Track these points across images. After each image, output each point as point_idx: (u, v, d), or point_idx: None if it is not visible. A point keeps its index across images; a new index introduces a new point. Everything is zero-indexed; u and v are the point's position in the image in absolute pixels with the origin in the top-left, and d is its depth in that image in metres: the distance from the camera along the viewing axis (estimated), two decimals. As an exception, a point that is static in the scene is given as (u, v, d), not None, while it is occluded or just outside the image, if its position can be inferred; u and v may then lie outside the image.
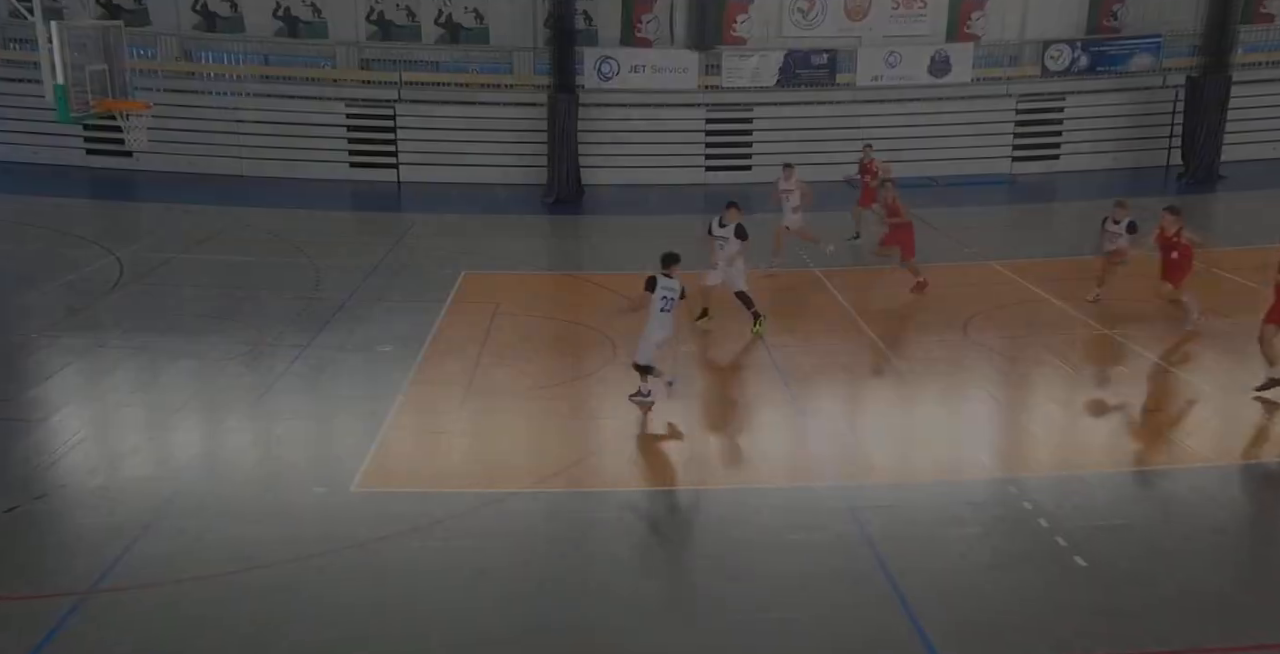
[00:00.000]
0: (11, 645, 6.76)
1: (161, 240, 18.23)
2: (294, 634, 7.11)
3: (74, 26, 14.70)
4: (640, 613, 7.51)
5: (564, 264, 17.53)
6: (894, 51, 25.79)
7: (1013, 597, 7.69)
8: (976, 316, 14.50)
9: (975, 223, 21.24)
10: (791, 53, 25.59)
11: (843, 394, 12.12)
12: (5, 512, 8.46)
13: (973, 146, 26.17)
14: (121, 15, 23.23)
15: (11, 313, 13.89)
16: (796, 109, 25.71)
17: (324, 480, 9.45)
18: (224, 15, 25.06)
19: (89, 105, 14.75)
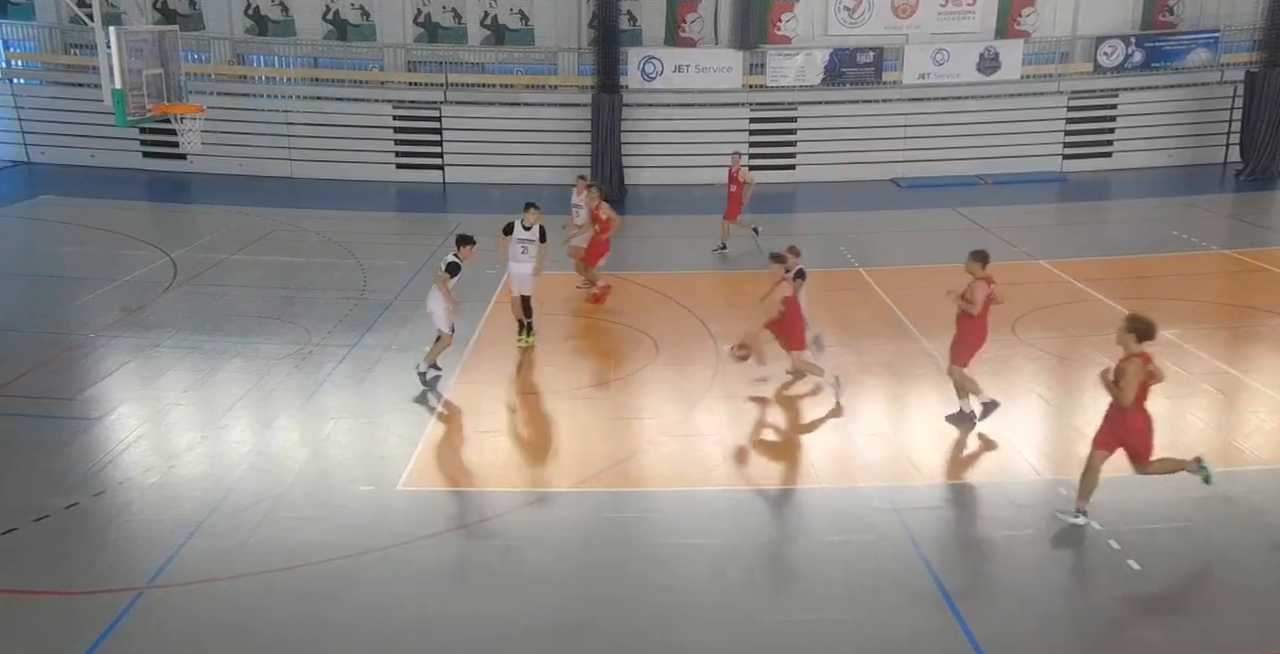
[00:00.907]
0: (72, 639, 6.91)
1: (213, 242, 18.57)
2: (342, 631, 7.20)
3: (132, 32, 15.02)
4: (682, 613, 7.50)
5: (606, 264, 17.55)
6: (942, 49, 25.49)
7: (1064, 601, 7.56)
8: (1025, 316, 14.27)
9: (1025, 221, 20.91)
10: (837, 51, 25.41)
11: (886, 394, 11.99)
12: (65, 508, 8.67)
13: (1022, 145, 25.81)
14: (177, 20, 23.74)
15: (71, 313, 14.23)
16: (841, 108, 25.54)
17: (371, 479, 9.56)
18: (275, 19, 25.47)
19: (145, 109, 15.07)
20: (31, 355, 12.27)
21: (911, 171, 25.57)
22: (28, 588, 7.39)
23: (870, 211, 22.40)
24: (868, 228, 20.91)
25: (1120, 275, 16.72)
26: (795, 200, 24.71)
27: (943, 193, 23.68)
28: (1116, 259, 17.80)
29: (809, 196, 24.46)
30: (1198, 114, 25.98)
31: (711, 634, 7.25)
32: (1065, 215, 22.94)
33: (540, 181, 24.43)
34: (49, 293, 15.24)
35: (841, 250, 18.34)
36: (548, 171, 24.65)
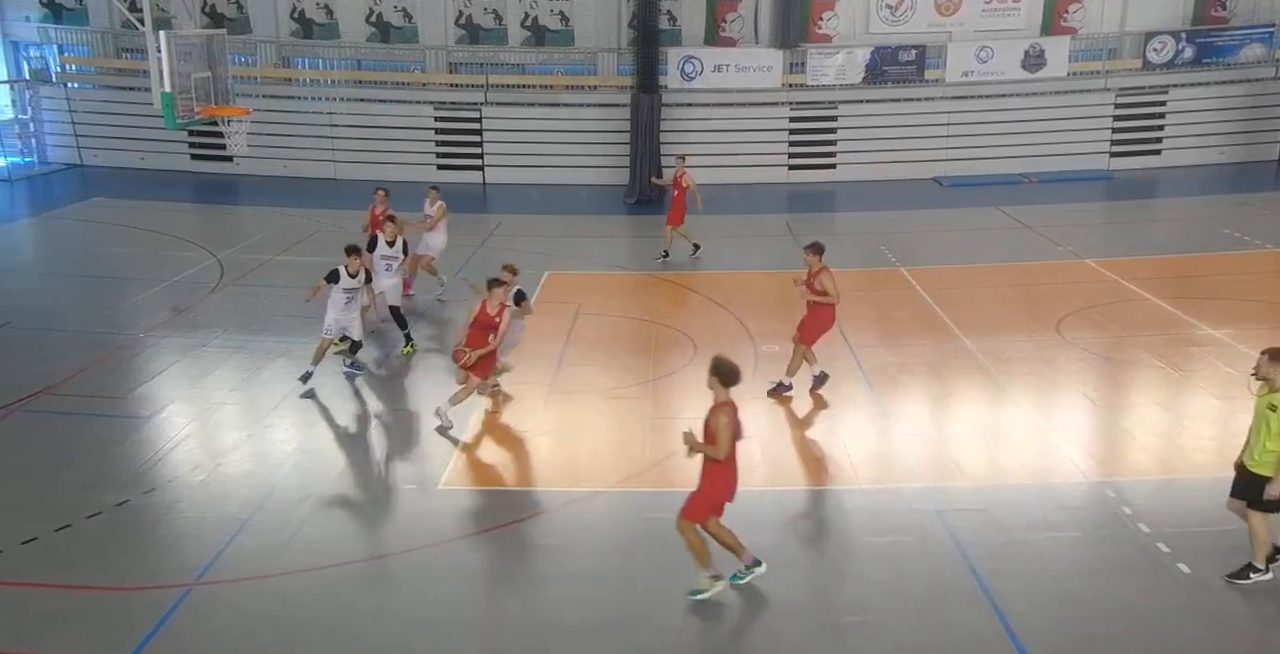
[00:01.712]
0: (123, 635, 7.04)
1: (259, 243, 18.83)
2: (384, 628, 7.28)
3: (181, 36, 15.28)
4: (723, 613, 7.48)
5: (645, 264, 17.57)
6: (985, 46, 25.19)
7: (1112, 604, 7.44)
8: (1071, 315, 14.08)
9: (1070, 220, 20.60)
10: (878, 49, 25.20)
11: (928, 395, 11.87)
12: (117, 505, 8.84)
13: (1068, 142, 25.41)
14: (224, 24, 24.13)
15: (122, 313, 14.51)
16: (883, 106, 25.33)
17: (412, 478, 9.65)
18: (320, 22, 25.79)
19: (193, 112, 15.32)
20: (84, 355, 12.52)
21: (954, 170, 25.29)
22: (81, 583, 7.54)
23: (911, 211, 22.20)
24: (909, 227, 20.72)
25: (1170, 274, 16.42)
26: (835, 200, 24.57)
27: (986, 191, 23.40)
28: (1166, 258, 17.49)
29: (849, 196, 24.29)
30: (1251, 110, 25.41)
31: (752, 634, 7.23)
32: (1112, 214, 22.57)
33: (580, 182, 24.54)
34: (100, 293, 15.56)
35: (882, 250, 18.19)
36: (587, 172, 24.73)
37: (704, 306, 15.10)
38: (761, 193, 24.29)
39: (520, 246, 18.48)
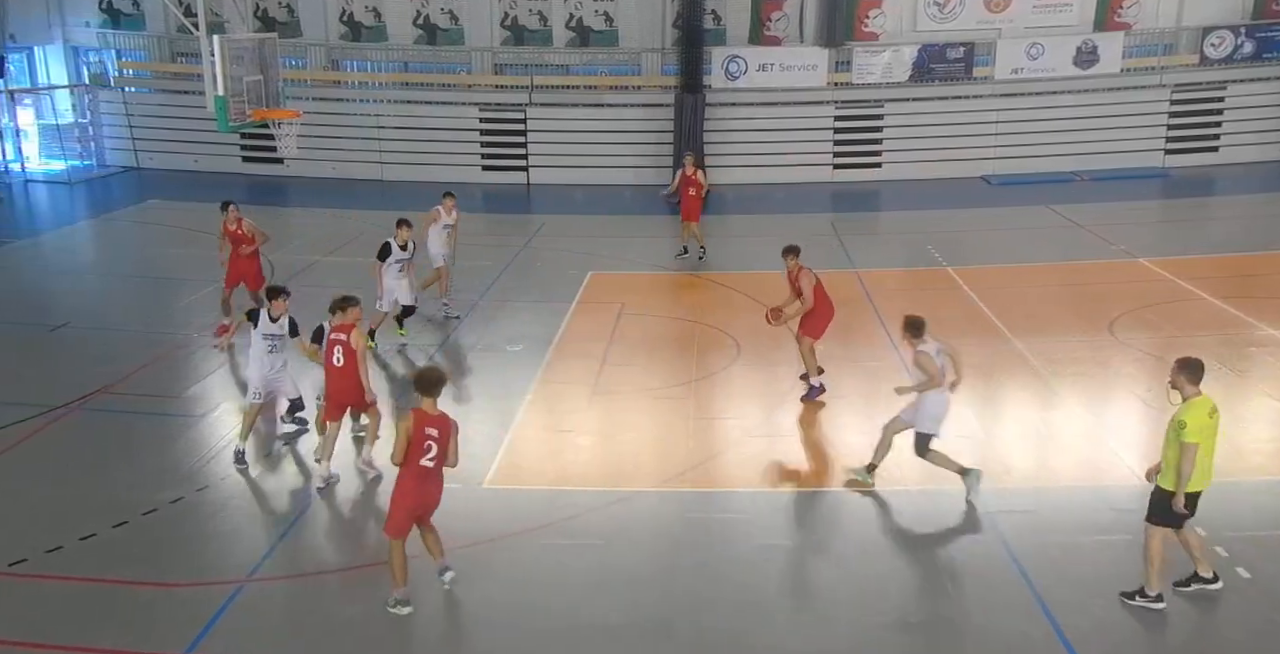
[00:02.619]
0: (178, 631, 7.18)
1: (308, 244, 19.10)
2: (429, 626, 7.35)
3: (234, 40, 15.53)
4: (765, 613, 7.46)
5: (688, 264, 17.55)
6: (1036, 43, 24.79)
7: (1169, 608, 7.28)
8: (1124, 316, 13.82)
9: (1123, 218, 20.22)
10: (926, 47, 24.91)
11: (976, 395, 11.69)
12: (171, 502, 9.02)
13: (1122, 140, 24.95)
14: (275, 27, 24.52)
15: (176, 314, 14.81)
16: (930, 104, 25.06)
17: (457, 477, 9.67)
18: (368, 25, 26.11)
19: (245, 115, 15.56)
20: (140, 354, 12.80)
21: (1003, 168, 24.93)
22: (137, 579, 7.70)
23: (959, 209, 21.93)
24: (956, 226, 20.47)
25: (1228, 273, 16.03)
26: (880, 199, 24.35)
27: (1036, 190, 23.04)
28: (1224, 256, 17.08)
29: (894, 195, 24.06)
30: (1313, 106, 24.77)
31: (796, 636, 7.19)
32: (1168, 212, 22.11)
33: (623, 182, 24.57)
34: (156, 294, 15.90)
35: (929, 249, 18.00)
36: (630, 172, 24.76)
37: (747, 306, 15.02)
38: (806, 192, 24.14)
39: (563, 247, 18.57)
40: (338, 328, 9.30)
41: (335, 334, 9.29)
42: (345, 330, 9.24)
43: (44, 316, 14.32)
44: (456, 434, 7.34)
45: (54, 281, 16.96)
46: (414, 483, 7.29)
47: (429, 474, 7.32)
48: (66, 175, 24.97)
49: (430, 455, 7.24)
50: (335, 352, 9.24)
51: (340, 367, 9.23)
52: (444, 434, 7.25)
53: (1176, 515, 7.15)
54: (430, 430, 7.20)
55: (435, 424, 7.23)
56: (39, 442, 10.30)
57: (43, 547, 8.10)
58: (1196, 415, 6.99)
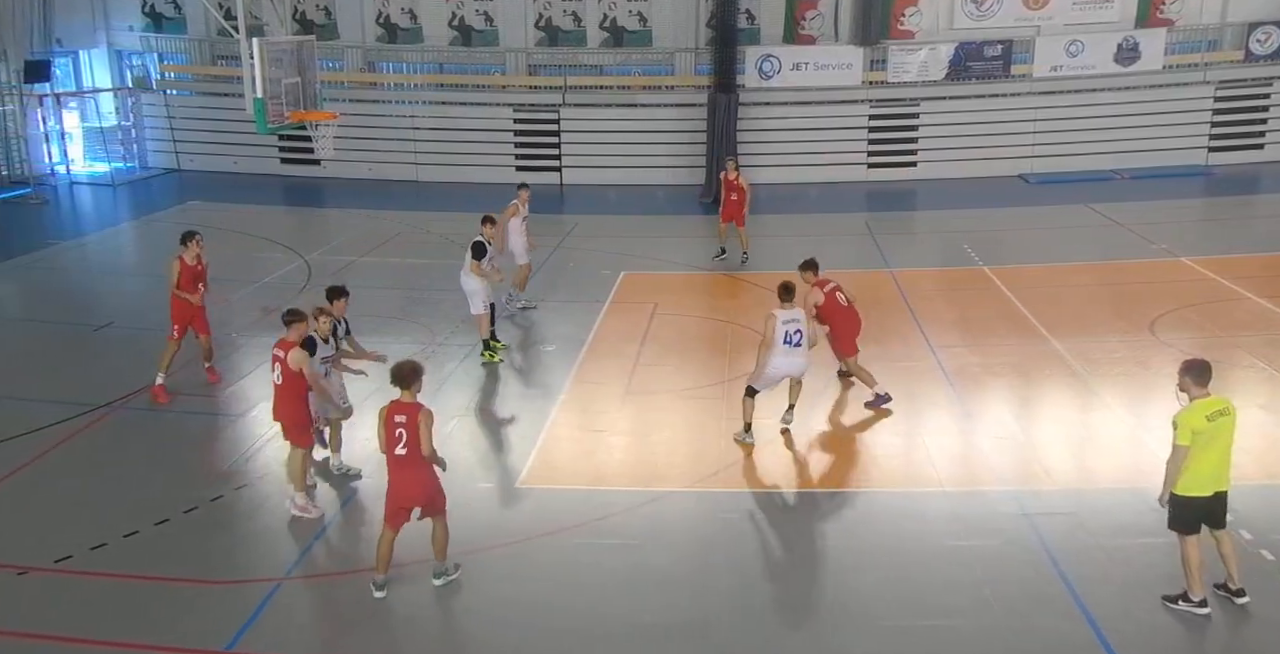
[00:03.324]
0: (219, 627, 7.28)
1: (345, 244, 19.31)
2: (464, 625, 7.40)
3: (272, 42, 15.70)
4: (801, 614, 7.43)
5: (721, 263, 17.52)
6: (1076, 40, 24.46)
7: (1214, 612, 7.15)
8: (1165, 315, 13.60)
9: (1164, 217, 19.90)
10: (963, 45, 24.68)
11: (1014, 396, 11.59)
12: (211, 500, 9.15)
13: (1163, 137, 24.57)
14: (313, 30, 24.77)
15: (216, 313, 14.92)
16: (967, 103, 24.84)
17: (491, 476, 9.79)
18: (404, 27, 26.32)
19: (283, 116, 15.74)
20: (181, 354, 12.95)
21: (1041, 167, 24.64)
22: (179, 576, 7.82)
23: (996, 208, 21.71)
24: (993, 225, 20.27)
25: (1273, 273, 15.72)
26: (916, 198, 24.15)
27: (1075, 188, 22.74)
28: (1269, 255, 16.76)
29: (930, 194, 23.85)
30: (1362, 102, 24.25)
31: (831, 638, 7.15)
32: (1211, 210, 21.73)
33: (656, 182, 24.57)
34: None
35: (965, 249, 17.83)
36: (663, 172, 24.75)
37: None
38: (840, 191, 24.01)
39: (596, 247, 18.60)
40: (279, 344, 8.73)
41: (277, 350, 8.74)
42: (285, 347, 8.68)
43: (88, 316, 14.58)
44: (430, 423, 7.38)
45: (98, 282, 17.28)
46: (392, 473, 7.52)
47: (402, 463, 7.42)
48: (110, 177, 25.41)
49: (401, 444, 7.37)
50: (274, 368, 8.74)
51: (279, 385, 8.72)
52: (411, 421, 7.33)
53: (1186, 521, 7.06)
54: (398, 417, 7.35)
55: (404, 411, 7.37)
56: (83, 440, 10.48)
57: (87, 544, 8.25)
58: (1191, 418, 6.91)
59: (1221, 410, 6.96)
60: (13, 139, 24.25)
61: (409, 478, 7.49)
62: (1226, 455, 7.04)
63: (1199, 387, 7.00)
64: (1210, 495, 7.02)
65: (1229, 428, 7.00)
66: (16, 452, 9.82)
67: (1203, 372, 7.01)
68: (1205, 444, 6.89)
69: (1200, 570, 7.11)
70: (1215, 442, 6.94)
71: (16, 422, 10.54)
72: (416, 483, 7.51)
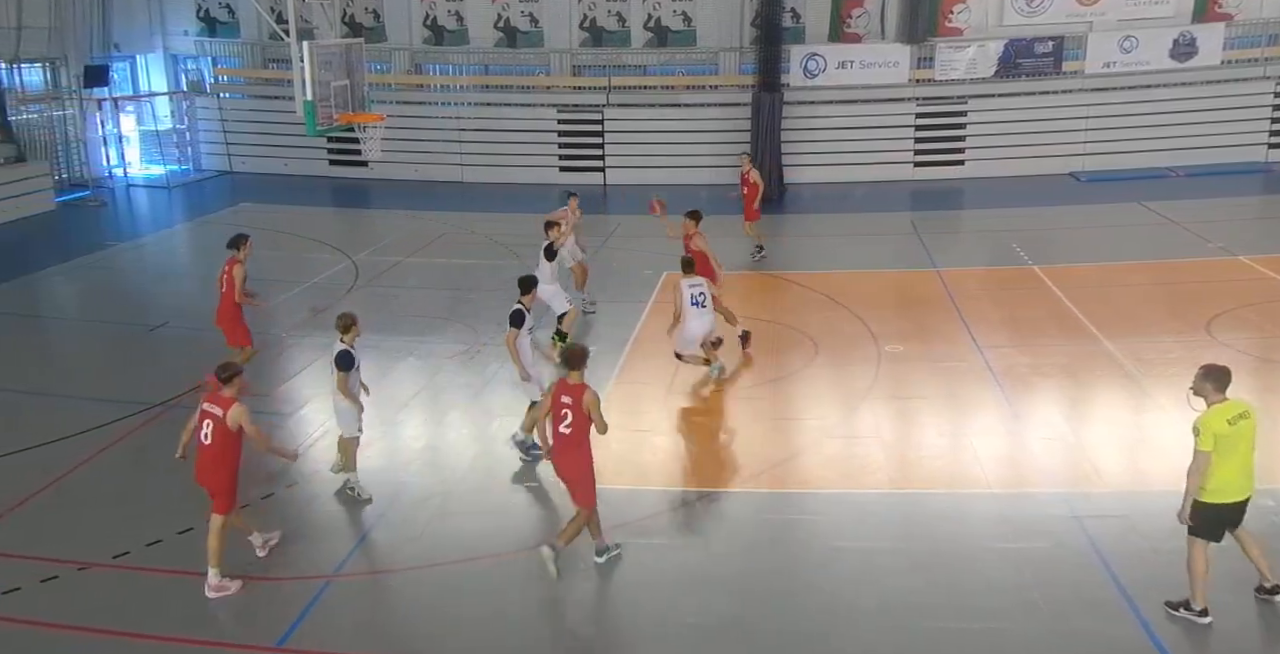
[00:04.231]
0: (269, 624, 7.40)
1: (391, 245, 19.52)
2: (509, 623, 7.43)
3: (322, 45, 15.92)
4: (844, 617, 7.37)
5: (764, 263, 17.45)
6: (1130, 36, 24.01)
7: (1275, 619, 6.98)
8: (1222, 315, 13.29)
9: (1221, 214, 19.44)
10: (1012, 42, 24.33)
11: (1064, 397, 11.39)
12: (263, 498, 9.30)
13: (1220, 134, 24.01)
14: (362, 32, 25.10)
15: (265, 314, 15.24)
16: (1016, 100, 24.49)
17: (535, 476, 9.82)
18: (451, 29, 26.58)
19: (332, 119, 15.95)
20: (232, 354, 13.21)
21: (1092, 164, 24.22)
22: (231, 572, 7.91)
23: (1046, 207, 21.35)
24: (1043, 224, 19.95)
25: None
26: (963, 196, 23.85)
27: (1128, 186, 22.30)
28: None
29: (978, 192, 23.54)
30: None
31: (876, 640, 7.09)
32: (1271, 208, 21.17)
33: (699, 182, 24.51)
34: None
35: (1014, 248, 17.57)
36: (706, 172, 24.69)
37: (825, 306, 14.88)
38: (885, 190, 23.80)
39: (639, 247, 18.60)
40: (214, 400, 7.72)
41: (209, 406, 7.71)
42: (224, 404, 7.67)
43: (144, 317, 14.90)
44: (597, 404, 7.66)
45: (154, 283, 17.66)
46: (555, 448, 7.83)
47: (565, 442, 7.75)
48: (165, 180, 25.96)
49: (566, 423, 7.67)
50: (205, 426, 7.70)
51: (207, 445, 7.72)
52: (577, 402, 7.62)
53: (1212, 528, 6.92)
54: (565, 398, 7.68)
55: (570, 392, 7.67)
56: (138, 438, 10.70)
57: (143, 540, 8.43)
58: (1213, 422, 6.79)
59: (1242, 414, 6.85)
60: (73, 143, 24.87)
61: (569, 458, 7.79)
62: (1249, 460, 6.93)
63: (1217, 391, 6.89)
64: (1238, 502, 6.91)
65: (1250, 431, 6.88)
66: (75, 449, 10.06)
67: (1223, 377, 6.92)
68: (1228, 449, 6.78)
69: (1205, 580, 6.99)
70: (1238, 446, 6.83)
71: (75, 420, 10.79)
72: (574, 465, 7.80)
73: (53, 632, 7.26)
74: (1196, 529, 6.98)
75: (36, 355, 13.62)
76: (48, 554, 8.17)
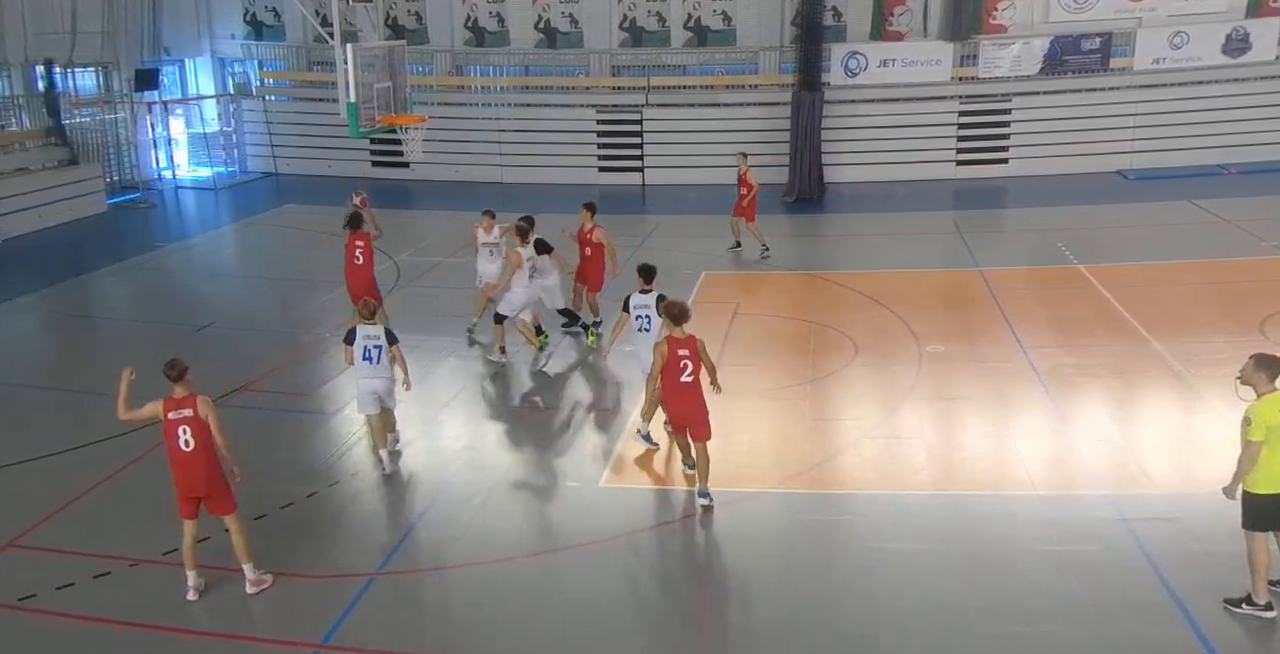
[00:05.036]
0: (314, 621, 7.47)
1: (432, 245, 19.68)
2: (548, 623, 7.44)
3: (365, 48, 16.09)
4: (888, 620, 7.30)
5: (803, 263, 17.36)
6: (1180, 31, 23.56)
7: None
8: (1275, 315, 12.99)
9: (1276, 213, 18.98)
10: (1058, 38, 23.98)
11: (1111, 397, 11.20)
12: (307, 496, 9.42)
13: (1275, 131, 23.44)
14: (404, 35, 25.35)
15: (310, 313, 15.46)
16: (1062, 98, 24.13)
17: (574, 475, 9.86)
18: (491, 30, 26.75)
19: (374, 120, 16.12)
20: (277, 353, 13.42)
21: (1140, 162, 23.81)
22: (277, 569, 8.05)
23: (1091, 205, 21.01)
24: (1089, 222, 19.64)
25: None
26: (1007, 195, 23.56)
27: (1177, 184, 21.89)
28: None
29: (1022, 191, 23.24)
30: None
31: (920, 643, 7.02)
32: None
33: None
34: (292, 295, 16.64)
35: (1059, 247, 17.32)
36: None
37: (865, 306, 14.77)
38: (927, 189, 23.56)
39: (678, 247, 18.59)
40: (175, 403, 7.42)
41: (176, 412, 7.38)
42: (189, 403, 7.41)
43: (192, 317, 15.15)
44: (706, 351, 8.86)
45: (201, 284, 17.96)
46: (673, 395, 8.84)
47: (687, 389, 8.78)
48: (212, 181, 26.39)
49: (687, 372, 8.72)
50: (180, 434, 7.37)
51: (189, 452, 7.40)
52: (694, 353, 8.73)
53: (1260, 518, 6.86)
54: (681, 351, 8.72)
55: (685, 345, 8.74)
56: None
57: (192, 536, 8.58)
58: (1266, 412, 6.75)
59: None
60: (124, 145, 25.36)
61: (694, 402, 8.81)
62: None
63: (1269, 382, 6.86)
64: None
65: None
66: (124, 448, 10.24)
67: (1275, 366, 6.90)
68: (1279, 440, 6.73)
69: (1266, 572, 6.90)
70: None
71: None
72: (699, 407, 8.82)
73: (105, 626, 7.40)
74: (1248, 521, 6.92)
75: (89, 355, 13.91)
76: (100, 550, 8.33)
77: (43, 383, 12.62)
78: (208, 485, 7.52)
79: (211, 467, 7.52)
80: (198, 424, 7.42)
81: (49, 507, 9.11)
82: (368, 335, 9.62)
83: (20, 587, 7.80)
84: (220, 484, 7.61)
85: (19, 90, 22.38)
